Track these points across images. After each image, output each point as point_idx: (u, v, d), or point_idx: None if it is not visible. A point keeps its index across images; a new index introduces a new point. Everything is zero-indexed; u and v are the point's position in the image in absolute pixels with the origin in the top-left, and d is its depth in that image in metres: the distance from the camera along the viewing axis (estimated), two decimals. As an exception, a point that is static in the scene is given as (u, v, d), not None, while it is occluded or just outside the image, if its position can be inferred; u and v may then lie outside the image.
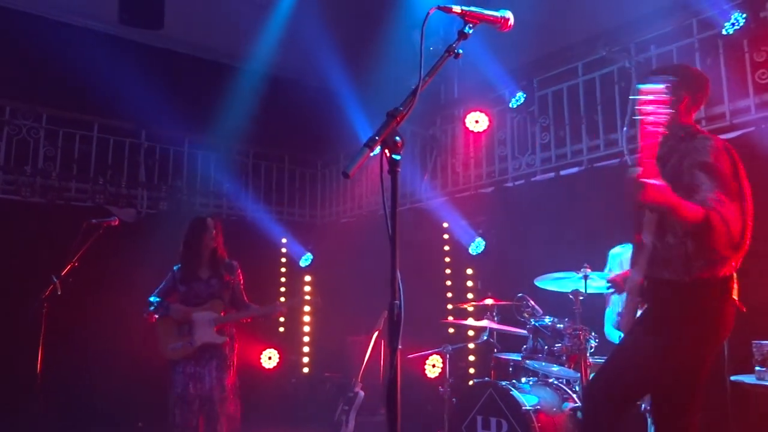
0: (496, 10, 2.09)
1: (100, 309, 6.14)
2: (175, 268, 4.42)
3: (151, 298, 4.33)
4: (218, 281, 4.36)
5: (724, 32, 5.09)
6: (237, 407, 4.25)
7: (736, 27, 5.00)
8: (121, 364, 6.05)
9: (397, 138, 1.81)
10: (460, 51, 1.96)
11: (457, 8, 1.98)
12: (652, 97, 2.39)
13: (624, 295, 2.94)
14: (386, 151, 1.81)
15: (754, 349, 3.40)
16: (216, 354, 4.24)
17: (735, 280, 2.56)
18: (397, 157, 1.81)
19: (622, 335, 2.85)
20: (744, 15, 4.96)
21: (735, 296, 2.55)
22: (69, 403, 5.73)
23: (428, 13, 1.90)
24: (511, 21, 2.07)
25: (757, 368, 3.37)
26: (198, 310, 4.24)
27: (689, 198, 2.46)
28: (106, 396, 6.08)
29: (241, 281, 4.48)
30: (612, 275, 3.18)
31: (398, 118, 1.81)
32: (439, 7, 1.94)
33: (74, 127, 7.51)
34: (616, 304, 4.63)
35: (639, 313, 2.74)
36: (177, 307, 4.26)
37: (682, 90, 2.68)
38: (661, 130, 2.42)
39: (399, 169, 1.82)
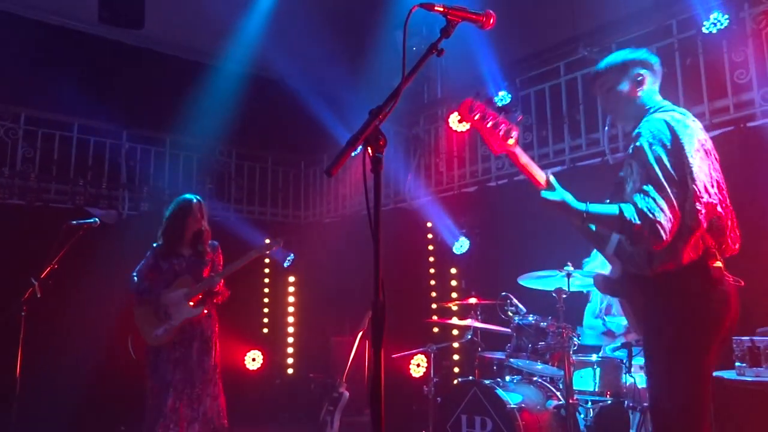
0: (479, 10, 2.09)
1: (80, 312, 6.06)
2: (154, 244, 4.39)
3: (135, 277, 4.29)
4: (198, 258, 4.35)
5: (705, 30, 5.14)
6: (220, 388, 4.24)
7: (718, 27, 5.05)
8: (103, 367, 5.98)
9: (380, 137, 1.80)
10: (443, 48, 1.95)
11: (439, 6, 1.95)
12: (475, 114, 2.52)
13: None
14: (369, 149, 1.80)
15: (735, 345, 3.43)
16: (196, 334, 4.21)
17: (712, 260, 2.33)
18: (380, 156, 1.80)
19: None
20: (726, 15, 5.01)
21: (717, 275, 2.33)
22: (49, 406, 5.65)
23: (410, 11, 1.89)
24: (493, 19, 2.05)
25: (738, 364, 3.40)
26: (168, 291, 4.23)
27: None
28: (87, 399, 6.01)
29: (221, 262, 4.45)
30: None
31: (380, 117, 1.79)
32: (421, 5, 1.92)
33: (53, 128, 7.40)
34: (595, 301, 4.67)
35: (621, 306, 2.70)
36: (166, 294, 4.21)
37: (636, 69, 2.57)
38: (501, 133, 2.52)
39: (382, 168, 1.81)
